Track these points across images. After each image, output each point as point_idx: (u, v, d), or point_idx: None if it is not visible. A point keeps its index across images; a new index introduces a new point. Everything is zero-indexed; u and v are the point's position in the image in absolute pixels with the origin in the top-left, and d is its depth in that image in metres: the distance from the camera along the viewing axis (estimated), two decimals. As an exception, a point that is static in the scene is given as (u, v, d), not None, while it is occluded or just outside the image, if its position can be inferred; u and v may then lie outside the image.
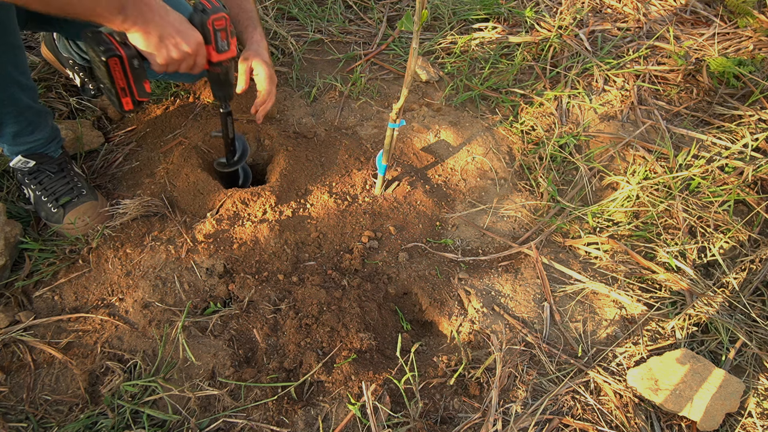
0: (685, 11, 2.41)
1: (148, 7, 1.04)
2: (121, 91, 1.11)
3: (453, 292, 1.46)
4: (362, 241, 1.52)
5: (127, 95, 1.13)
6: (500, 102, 2.00)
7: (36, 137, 1.39)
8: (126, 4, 1.01)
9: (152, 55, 1.10)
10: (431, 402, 1.25)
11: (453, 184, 1.73)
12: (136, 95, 1.14)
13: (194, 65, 1.17)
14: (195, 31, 1.13)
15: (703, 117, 2.00)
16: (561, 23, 2.24)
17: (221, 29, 1.14)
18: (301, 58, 2.05)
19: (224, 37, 1.16)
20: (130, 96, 1.14)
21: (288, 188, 1.59)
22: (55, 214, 1.41)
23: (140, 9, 1.03)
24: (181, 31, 1.10)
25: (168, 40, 1.09)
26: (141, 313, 1.31)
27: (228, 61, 1.23)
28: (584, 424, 1.23)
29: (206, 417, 1.17)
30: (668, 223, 1.65)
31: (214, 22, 1.12)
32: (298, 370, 1.25)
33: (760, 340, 1.40)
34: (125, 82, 1.11)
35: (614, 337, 1.42)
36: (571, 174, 1.81)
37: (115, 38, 1.08)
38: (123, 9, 1.00)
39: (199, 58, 1.17)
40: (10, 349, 1.24)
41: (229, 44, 1.18)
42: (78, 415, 1.17)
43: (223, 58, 1.20)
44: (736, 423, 1.28)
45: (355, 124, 1.86)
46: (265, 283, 1.40)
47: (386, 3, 2.37)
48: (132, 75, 1.10)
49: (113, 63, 1.07)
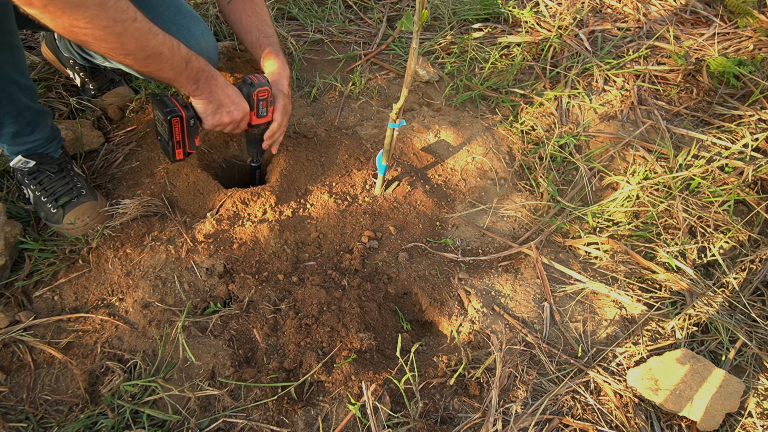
0: (685, 11, 2.41)
1: (215, 82, 1.30)
2: (176, 143, 1.34)
3: (453, 292, 1.46)
4: (362, 241, 1.52)
5: (180, 147, 1.36)
6: (500, 102, 2.00)
7: (35, 137, 1.39)
8: (200, 78, 1.25)
9: (207, 117, 1.34)
10: (431, 402, 1.25)
11: (453, 184, 1.73)
12: (188, 148, 1.37)
13: (237, 127, 1.42)
14: (245, 103, 1.37)
15: (703, 117, 2.00)
16: (561, 23, 2.24)
17: (263, 99, 1.38)
18: (301, 58, 2.05)
19: (265, 105, 1.39)
20: (182, 148, 1.37)
21: (288, 188, 1.59)
22: (55, 215, 1.41)
23: (209, 82, 1.28)
24: (235, 102, 1.34)
25: (223, 108, 1.34)
26: (141, 313, 1.31)
27: (265, 125, 1.45)
28: (584, 424, 1.23)
29: (206, 417, 1.17)
30: (668, 223, 1.65)
31: (259, 93, 1.36)
32: (298, 370, 1.25)
33: (760, 340, 1.40)
34: (181, 137, 1.33)
35: (614, 337, 1.42)
36: (571, 174, 1.82)
37: (178, 100, 1.31)
38: (197, 81, 1.25)
39: (242, 123, 1.41)
40: (10, 349, 1.24)
41: (267, 111, 1.41)
42: (78, 415, 1.17)
43: (261, 122, 1.43)
44: (736, 423, 1.28)
45: (355, 124, 1.86)
46: (265, 283, 1.40)
47: (386, 3, 2.37)
48: (187, 132, 1.33)
49: (175, 122, 1.30)
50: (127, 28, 1.05)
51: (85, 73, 1.77)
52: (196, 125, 1.35)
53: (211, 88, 1.29)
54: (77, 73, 1.77)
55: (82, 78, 1.78)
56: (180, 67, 1.20)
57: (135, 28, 1.06)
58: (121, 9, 1.03)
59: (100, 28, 1.02)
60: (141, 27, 1.08)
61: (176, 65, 1.19)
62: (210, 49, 1.53)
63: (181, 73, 1.21)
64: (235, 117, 1.37)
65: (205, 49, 1.51)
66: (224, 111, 1.34)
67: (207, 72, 1.28)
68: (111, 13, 1.01)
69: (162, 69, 1.17)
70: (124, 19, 1.04)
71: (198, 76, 1.25)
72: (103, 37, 1.04)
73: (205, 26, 1.52)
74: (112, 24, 1.02)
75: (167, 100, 1.31)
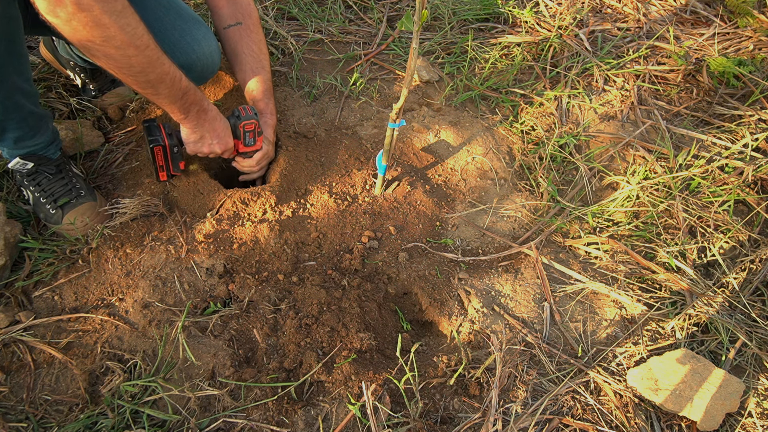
0: (685, 11, 2.41)
1: (205, 116, 1.37)
2: (159, 167, 1.46)
3: (453, 292, 1.46)
4: (362, 241, 1.52)
5: (163, 171, 1.47)
6: (500, 102, 2.00)
7: (36, 141, 1.40)
8: (191, 110, 1.32)
9: (189, 144, 1.44)
10: (431, 402, 1.25)
11: (453, 184, 1.73)
12: (171, 171, 1.48)
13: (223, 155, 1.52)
14: (230, 138, 1.47)
15: (703, 117, 2.00)
16: (561, 23, 2.24)
17: (250, 131, 1.48)
18: (301, 58, 2.05)
19: (252, 136, 1.50)
20: (166, 171, 1.48)
21: (288, 188, 1.59)
22: (54, 215, 1.41)
23: (199, 115, 1.35)
24: (219, 136, 1.43)
25: (205, 140, 1.43)
26: (141, 313, 1.31)
27: (252, 152, 1.56)
28: (584, 424, 1.23)
29: (206, 417, 1.17)
30: (668, 223, 1.65)
31: (245, 126, 1.47)
32: (298, 370, 1.25)
33: (760, 340, 1.40)
34: (164, 162, 1.45)
35: (614, 337, 1.42)
36: (571, 174, 1.82)
37: (165, 128, 1.43)
38: (187, 112, 1.32)
39: (225, 155, 1.52)
40: (10, 349, 1.24)
41: (255, 141, 1.52)
42: (78, 415, 1.17)
43: (248, 150, 1.54)
44: (736, 423, 1.28)
45: (355, 124, 1.86)
46: (265, 283, 1.40)
47: (386, 3, 2.37)
48: (171, 158, 1.45)
49: (157, 150, 1.41)
50: (139, 54, 1.10)
51: (86, 73, 1.77)
52: (179, 152, 1.46)
53: (199, 120, 1.36)
54: (77, 74, 1.77)
55: (83, 78, 1.78)
56: (175, 97, 1.25)
57: (145, 55, 1.11)
58: (138, 35, 1.08)
59: (114, 48, 1.06)
60: (151, 55, 1.13)
61: (172, 95, 1.24)
62: (212, 52, 1.54)
63: (175, 103, 1.27)
64: (215, 150, 1.46)
65: (207, 53, 1.51)
66: (206, 143, 1.43)
67: (200, 106, 1.34)
68: (127, 37, 1.06)
69: (159, 95, 1.22)
70: (138, 44, 1.08)
71: (189, 108, 1.32)
72: (113, 55, 1.08)
73: (207, 29, 1.52)
74: (126, 47, 1.07)
75: (154, 128, 1.42)
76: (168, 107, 1.28)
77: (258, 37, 1.62)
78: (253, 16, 1.60)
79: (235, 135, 1.49)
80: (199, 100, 1.33)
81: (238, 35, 1.59)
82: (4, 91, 1.21)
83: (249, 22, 1.59)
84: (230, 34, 1.59)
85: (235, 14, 1.58)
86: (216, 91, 1.88)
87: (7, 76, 1.20)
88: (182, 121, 1.36)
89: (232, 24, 1.58)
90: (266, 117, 1.62)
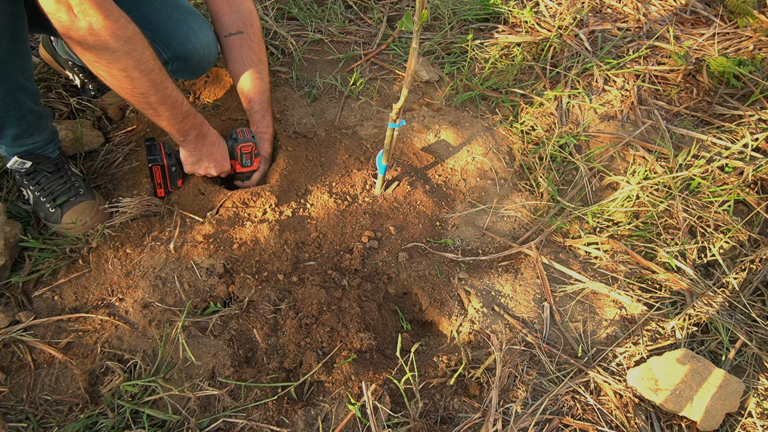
0: (685, 11, 2.41)
1: (203, 140, 1.42)
2: (157, 185, 1.50)
3: (453, 292, 1.46)
4: (362, 241, 1.52)
5: (161, 188, 1.52)
6: (500, 102, 2.00)
7: (35, 139, 1.40)
8: (189, 134, 1.36)
9: (186, 165, 1.49)
10: (431, 402, 1.25)
11: (453, 184, 1.73)
12: (169, 187, 1.53)
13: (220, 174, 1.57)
14: (227, 162, 1.53)
15: (703, 117, 2.00)
16: (561, 23, 2.24)
17: (247, 153, 1.55)
18: (301, 58, 2.05)
19: (249, 157, 1.57)
20: (163, 188, 1.52)
21: (288, 188, 1.59)
22: (53, 214, 1.41)
23: (197, 139, 1.40)
24: (216, 160, 1.49)
25: (202, 162, 1.48)
26: (141, 313, 1.31)
27: (249, 173, 1.62)
28: (584, 424, 1.23)
29: (206, 417, 1.17)
30: (668, 223, 1.65)
31: (242, 148, 1.54)
32: (298, 370, 1.25)
33: (760, 340, 1.40)
34: (162, 180, 1.49)
35: (614, 337, 1.42)
36: (571, 174, 1.81)
37: (165, 149, 1.47)
38: (186, 135, 1.36)
39: (222, 175, 1.58)
40: (10, 349, 1.24)
41: (252, 162, 1.59)
42: (78, 415, 1.17)
43: (245, 171, 1.61)
44: (736, 423, 1.28)
45: (355, 124, 1.86)
46: (265, 283, 1.40)
47: (386, 3, 2.37)
48: (168, 176, 1.50)
49: (155, 169, 1.45)
50: (143, 77, 1.13)
51: (85, 74, 1.77)
52: (177, 171, 1.51)
53: (197, 144, 1.41)
54: (76, 74, 1.77)
55: (82, 79, 1.78)
56: (175, 120, 1.29)
57: (149, 78, 1.14)
58: (143, 60, 1.11)
59: (119, 70, 1.10)
60: (155, 78, 1.16)
61: (172, 118, 1.28)
62: (209, 43, 1.54)
63: (174, 126, 1.31)
64: (210, 173, 1.52)
65: (204, 43, 1.51)
66: (202, 165, 1.49)
67: (199, 130, 1.38)
68: (132, 62, 1.10)
69: (159, 117, 1.26)
70: (143, 69, 1.12)
71: (188, 132, 1.36)
72: (117, 76, 1.12)
73: (203, 20, 1.52)
74: (131, 70, 1.11)
75: (154, 148, 1.47)
76: (167, 129, 1.32)
77: (258, 47, 1.60)
78: (255, 26, 1.59)
79: (232, 156, 1.54)
80: (198, 124, 1.37)
81: (239, 44, 1.57)
82: (6, 88, 1.22)
83: (250, 31, 1.58)
84: (230, 43, 1.58)
85: (237, 23, 1.56)
86: (216, 91, 1.88)
87: (9, 73, 1.20)
88: (181, 143, 1.40)
89: (233, 33, 1.57)
90: (262, 130, 1.63)
